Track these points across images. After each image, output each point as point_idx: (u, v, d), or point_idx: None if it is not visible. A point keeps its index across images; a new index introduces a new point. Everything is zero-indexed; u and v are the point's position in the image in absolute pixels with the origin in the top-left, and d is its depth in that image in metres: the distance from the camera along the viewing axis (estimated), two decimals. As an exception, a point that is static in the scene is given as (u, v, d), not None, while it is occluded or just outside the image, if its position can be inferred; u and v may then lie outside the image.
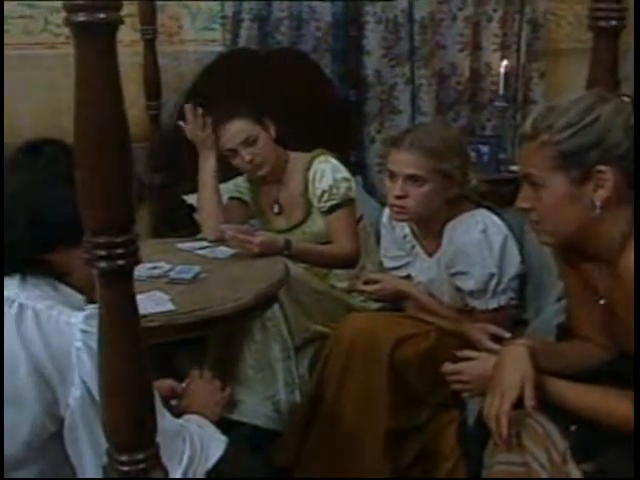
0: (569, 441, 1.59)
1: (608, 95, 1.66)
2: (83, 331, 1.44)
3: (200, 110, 2.95)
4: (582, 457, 1.57)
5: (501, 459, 1.67)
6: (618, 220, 1.62)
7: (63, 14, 1.03)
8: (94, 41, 1.03)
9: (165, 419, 1.50)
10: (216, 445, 1.64)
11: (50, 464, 1.54)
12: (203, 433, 1.65)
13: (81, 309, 1.50)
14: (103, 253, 1.08)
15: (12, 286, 1.53)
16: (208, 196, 2.93)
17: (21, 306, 1.50)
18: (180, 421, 1.65)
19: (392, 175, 2.41)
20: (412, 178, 2.37)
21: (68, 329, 1.46)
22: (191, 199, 3.35)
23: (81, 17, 1.01)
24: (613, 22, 1.77)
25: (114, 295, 1.12)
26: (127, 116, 1.09)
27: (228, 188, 3.09)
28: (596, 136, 1.58)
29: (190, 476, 1.53)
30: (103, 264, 1.09)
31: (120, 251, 1.09)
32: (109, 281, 1.11)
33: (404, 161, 2.38)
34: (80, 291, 1.57)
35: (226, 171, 3.02)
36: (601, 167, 1.58)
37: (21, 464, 1.51)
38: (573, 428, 1.60)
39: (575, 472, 1.57)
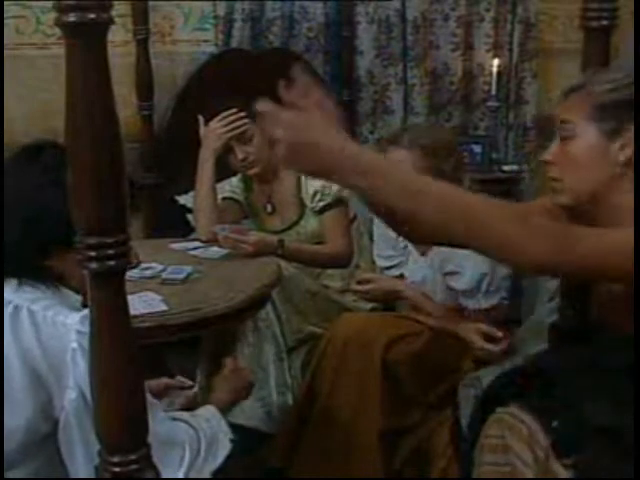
0: (551, 437, 1.59)
1: None
2: (79, 332, 1.43)
3: None
4: (564, 452, 1.57)
5: (488, 459, 1.67)
6: (629, 197, 1.61)
7: (54, 14, 1.03)
8: (85, 41, 1.03)
9: (156, 421, 1.49)
10: (223, 445, 1.64)
11: (43, 465, 1.54)
12: (211, 433, 1.64)
13: (79, 309, 1.50)
14: (94, 254, 1.08)
15: (8, 287, 1.53)
16: (204, 196, 2.92)
17: (16, 307, 1.50)
18: (186, 416, 1.65)
19: None
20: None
21: (64, 330, 1.46)
22: (183, 199, 3.35)
23: (72, 17, 1.01)
24: (604, 22, 1.77)
25: (105, 296, 1.12)
26: (119, 116, 1.08)
27: (222, 188, 3.08)
28: (633, 96, 1.60)
29: (193, 476, 1.53)
30: (94, 265, 1.09)
31: (111, 252, 1.08)
32: (100, 282, 1.11)
33: (403, 159, 2.38)
34: (78, 292, 1.56)
35: (220, 171, 3.02)
36: (632, 126, 1.59)
37: (14, 464, 1.51)
38: (555, 424, 1.60)
39: (558, 468, 1.57)
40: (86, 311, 1.41)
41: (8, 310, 1.50)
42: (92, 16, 1.01)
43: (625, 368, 1.60)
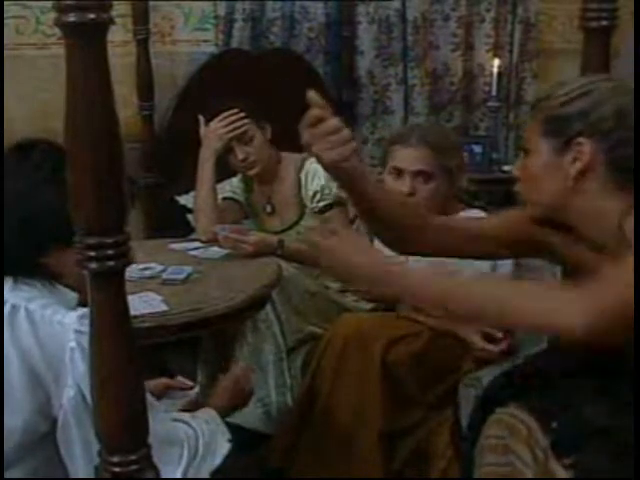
0: (550, 437, 1.59)
1: (623, 82, 1.65)
2: (77, 331, 1.43)
3: None
4: (563, 452, 1.57)
5: (488, 460, 1.67)
6: (601, 204, 1.60)
7: (54, 14, 1.03)
8: (85, 41, 1.03)
9: (155, 421, 1.50)
10: (221, 445, 1.65)
11: (42, 464, 1.54)
12: (210, 433, 1.64)
13: (75, 308, 1.50)
14: (94, 254, 1.08)
15: (5, 286, 1.53)
16: (205, 196, 2.92)
17: (14, 307, 1.50)
18: (186, 417, 1.65)
19: (398, 172, 2.41)
20: (420, 174, 2.38)
21: (61, 329, 1.46)
22: (184, 200, 3.35)
23: (71, 17, 1.01)
24: (604, 22, 1.77)
25: (105, 296, 1.12)
26: (118, 116, 1.08)
27: (223, 188, 3.08)
28: (583, 107, 1.59)
29: (190, 476, 1.53)
30: (94, 265, 1.09)
31: (111, 252, 1.08)
32: (100, 282, 1.11)
33: (412, 157, 2.39)
34: (74, 290, 1.57)
35: (221, 171, 3.02)
36: (581, 139, 1.58)
37: (12, 464, 1.51)
38: (554, 424, 1.60)
39: (557, 468, 1.57)
40: (83, 310, 1.42)
41: (6, 309, 1.50)
42: (92, 16, 1.01)
43: (624, 369, 1.61)
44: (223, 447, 1.64)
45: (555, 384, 1.70)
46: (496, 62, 3.92)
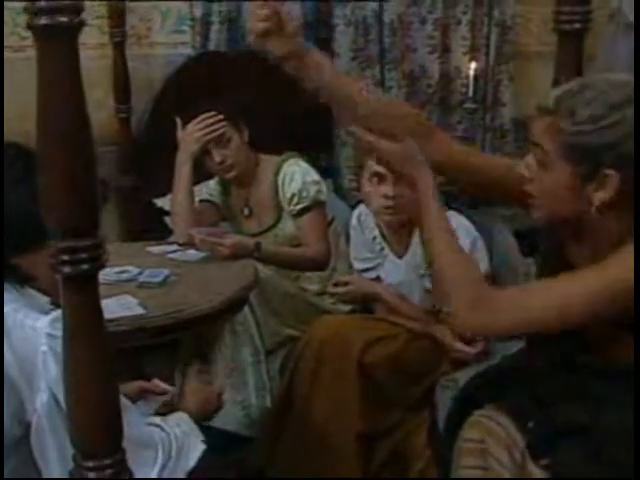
0: (527, 437, 1.60)
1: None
2: (49, 335, 1.43)
3: None
4: (539, 453, 1.58)
5: (465, 463, 1.67)
6: (614, 223, 1.58)
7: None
8: (56, 44, 1.02)
9: (130, 424, 1.49)
10: (195, 447, 1.64)
11: (17, 466, 1.53)
12: (182, 435, 1.64)
13: (46, 311, 1.49)
14: (67, 258, 1.08)
15: None
16: (181, 199, 2.91)
17: None
18: (158, 420, 1.65)
19: (380, 177, 2.41)
20: (403, 177, 2.38)
21: (33, 333, 1.45)
22: (161, 202, 3.34)
23: (43, 20, 1.01)
24: (577, 25, 1.77)
25: (78, 300, 1.12)
26: (90, 119, 1.08)
27: (200, 190, 3.08)
28: (615, 139, 1.52)
29: (165, 476, 1.53)
30: (67, 269, 1.08)
31: (84, 255, 1.08)
32: (73, 286, 1.10)
33: None
34: (46, 294, 1.56)
35: (198, 174, 3.01)
36: (609, 171, 1.53)
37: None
38: (531, 425, 1.61)
39: (533, 469, 1.58)
40: (55, 313, 1.41)
41: None
42: (64, 19, 1.01)
43: (600, 368, 1.62)
44: (197, 449, 1.64)
45: (532, 383, 1.71)
46: (473, 64, 3.92)
